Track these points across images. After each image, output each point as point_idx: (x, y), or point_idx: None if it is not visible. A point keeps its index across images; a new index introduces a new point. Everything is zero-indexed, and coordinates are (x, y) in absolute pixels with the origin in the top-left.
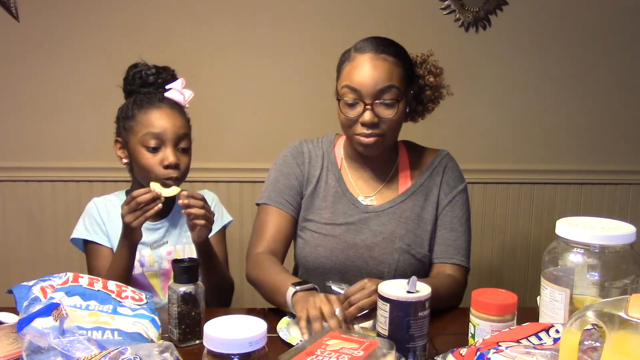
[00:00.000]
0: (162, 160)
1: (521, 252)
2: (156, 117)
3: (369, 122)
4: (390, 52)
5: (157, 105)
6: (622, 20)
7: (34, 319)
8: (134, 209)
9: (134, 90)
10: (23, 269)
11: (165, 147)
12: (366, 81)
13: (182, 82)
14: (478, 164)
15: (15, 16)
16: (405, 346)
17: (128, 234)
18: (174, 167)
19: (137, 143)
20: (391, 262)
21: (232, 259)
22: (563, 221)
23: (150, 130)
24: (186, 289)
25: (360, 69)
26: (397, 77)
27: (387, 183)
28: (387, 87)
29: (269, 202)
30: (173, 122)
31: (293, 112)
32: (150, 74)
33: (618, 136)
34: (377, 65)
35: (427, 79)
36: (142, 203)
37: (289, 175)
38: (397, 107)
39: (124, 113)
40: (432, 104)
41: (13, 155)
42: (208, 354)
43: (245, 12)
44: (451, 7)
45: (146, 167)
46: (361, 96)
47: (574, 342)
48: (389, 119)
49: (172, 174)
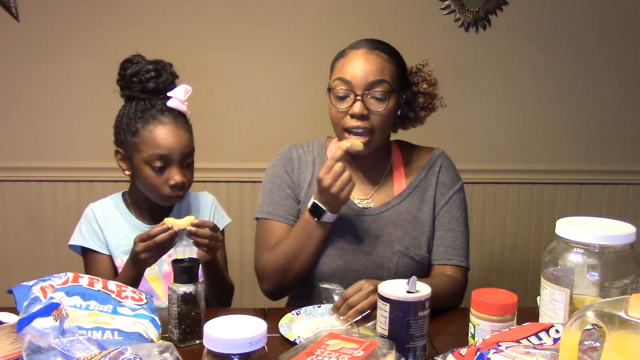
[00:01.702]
0: (168, 180)
1: (521, 252)
2: (162, 136)
3: (358, 113)
4: (384, 50)
5: (161, 121)
6: (622, 20)
7: (34, 319)
8: (151, 247)
9: (133, 95)
10: (23, 269)
11: (171, 166)
12: (358, 73)
13: (184, 89)
14: (478, 164)
15: (15, 16)
16: (405, 346)
17: (139, 265)
18: (180, 187)
19: (141, 162)
20: (390, 265)
21: (232, 259)
22: (563, 221)
23: (156, 152)
24: (186, 289)
25: (353, 62)
26: (389, 73)
27: (381, 184)
28: (378, 80)
29: (268, 217)
30: (179, 141)
31: (293, 112)
32: (150, 77)
33: (618, 136)
34: (370, 59)
35: (420, 85)
36: (161, 242)
37: (281, 185)
38: (388, 102)
39: (126, 125)
40: (424, 111)
41: (13, 155)
42: (208, 354)
43: (246, 12)
44: (451, 7)
45: (152, 187)
46: (352, 88)
47: (574, 342)
48: (379, 113)
49: (178, 193)
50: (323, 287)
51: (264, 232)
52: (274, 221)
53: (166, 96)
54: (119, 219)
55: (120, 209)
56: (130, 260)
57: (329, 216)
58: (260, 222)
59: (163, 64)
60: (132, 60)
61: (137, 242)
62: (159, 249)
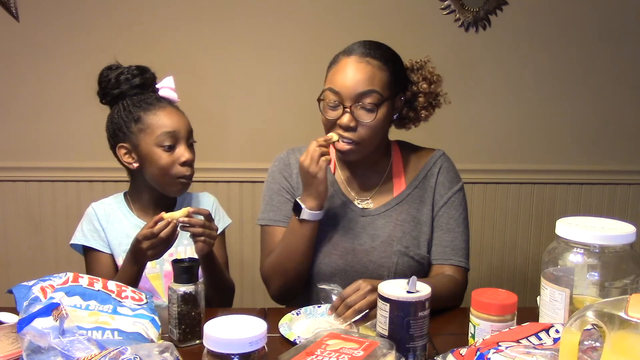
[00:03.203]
0: (179, 158)
1: (521, 252)
2: (166, 116)
3: (345, 125)
4: (376, 56)
5: (161, 106)
6: (622, 20)
7: (34, 319)
8: (157, 244)
9: (122, 93)
10: (23, 269)
11: (180, 144)
12: (347, 84)
13: (172, 78)
14: (478, 164)
15: (15, 16)
16: (405, 346)
17: (141, 260)
18: (190, 164)
19: (151, 144)
20: (390, 265)
21: (232, 259)
22: (563, 221)
23: (165, 130)
24: (186, 289)
25: (343, 72)
26: (380, 82)
27: (381, 185)
28: (367, 91)
29: (269, 223)
30: (182, 120)
31: (293, 112)
32: (135, 75)
33: (618, 136)
34: (360, 69)
35: (420, 85)
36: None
37: (280, 191)
38: (377, 113)
39: (125, 117)
40: (425, 111)
41: (13, 155)
42: (208, 354)
43: (246, 12)
44: (451, 7)
45: (164, 167)
46: (342, 99)
47: (574, 342)
48: (367, 124)
49: (187, 172)
50: (321, 288)
51: (266, 238)
52: (275, 227)
53: (155, 89)
54: (120, 218)
55: (122, 208)
56: (130, 257)
57: (309, 214)
58: (263, 228)
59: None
60: (112, 67)
61: (142, 240)
62: (164, 244)
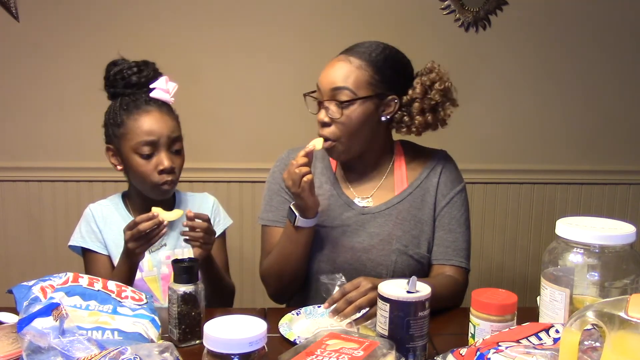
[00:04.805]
0: (157, 166)
1: (521, 252)
2: (147, 122)
3: (320, 120)
4: (362, 56)
5: (145, 110)
6: (621, 20)
7: (34, 319)
8: (137, 236)
9: (117, 92)
10: (23, 269)
11: (159, 152)
12: (323, 80)
13: (165, 79)
14: (478, 164)
15: (15, 16)
16: (405, 346)
17: (130, 256)
18: (169, 171)
19: (129, 151)
20: (389, 263)
21: (232, 259)
22: (563, 221)
23: (142, 138)
24: (186, 289)
25: (326, 69)
26: (355, 81)
27: (382, 184)
28: (339, 87)
29: (268, 224)
30: (164, 126)
31: (293, 112)
32: (132, 72)
33: (618, 136)
34: (338, 66)
35: (415, 90)
36: (146, 231)
37: (279, 192)
38: (347, 110)
39: (112, 119)
40: (420, 117)
41: (13, 155)
42: (208, 354)
43: (245, 12)
44: (451, 7)
45: (141, 175)
46: (321, 94)
47: (574, 342)
48: (339, 121)
49: (167, 178)
50: (322, 282)
51: (265, 238)
52: (274, 227)
53: (149, 89)
54: (117, 219)
55: (119, 209)
56: (123, 253)
57: (303, 221)
58: (263, 228)
59: (146, 62)
60: (117, 62)
61: (125, 230)
62: (145, 238)
